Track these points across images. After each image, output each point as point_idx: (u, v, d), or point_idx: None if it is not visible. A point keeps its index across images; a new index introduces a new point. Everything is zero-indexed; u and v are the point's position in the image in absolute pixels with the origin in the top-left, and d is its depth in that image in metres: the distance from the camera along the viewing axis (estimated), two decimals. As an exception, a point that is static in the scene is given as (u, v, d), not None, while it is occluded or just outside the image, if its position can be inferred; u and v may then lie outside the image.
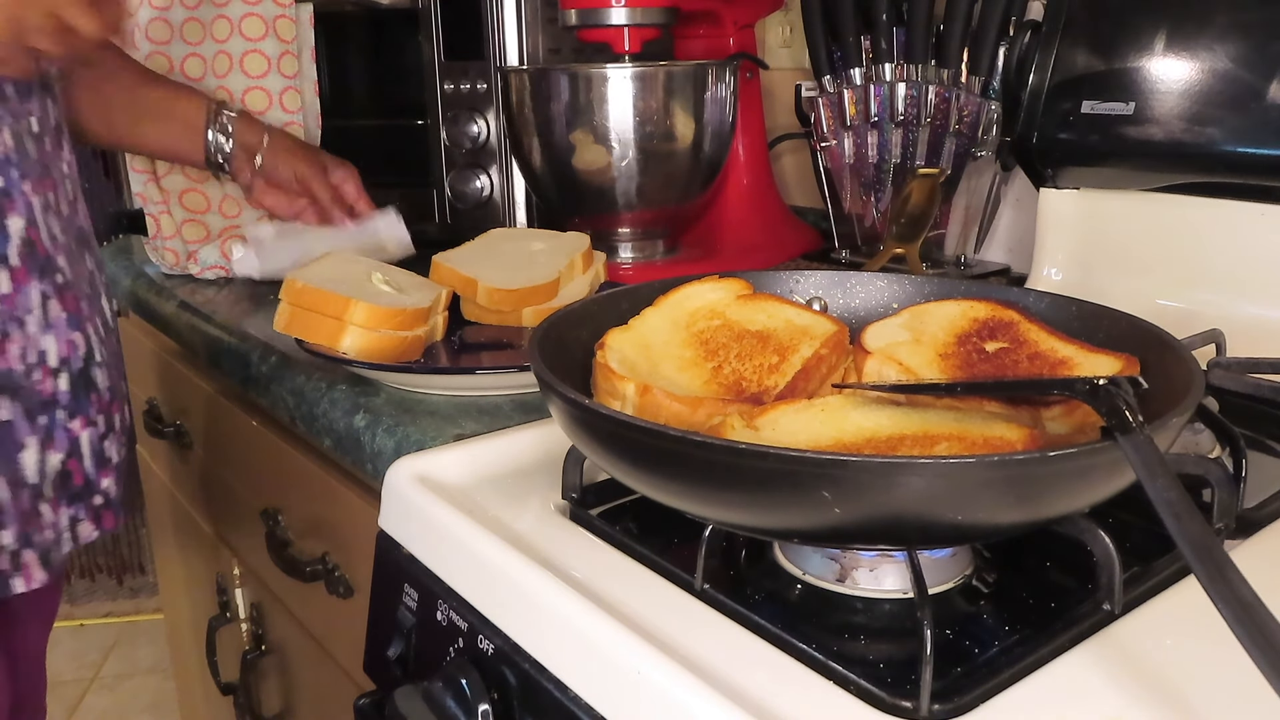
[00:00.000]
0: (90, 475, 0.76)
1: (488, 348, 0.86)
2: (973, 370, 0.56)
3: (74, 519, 0.75)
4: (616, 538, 0.54)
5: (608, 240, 1.08)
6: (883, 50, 1.05)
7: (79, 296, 0.75)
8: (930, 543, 0.47)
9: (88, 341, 0.75)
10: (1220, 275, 0.81)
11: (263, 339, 0.90)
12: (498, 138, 1.13)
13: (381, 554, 0.62)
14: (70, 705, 2.11)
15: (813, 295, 0.67)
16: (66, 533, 0.75)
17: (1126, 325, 0.57)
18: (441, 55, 1.13)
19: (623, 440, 0.46)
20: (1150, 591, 0.48)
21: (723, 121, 1.05)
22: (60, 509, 0.74)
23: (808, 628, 0.46)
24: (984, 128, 1.02)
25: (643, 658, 0.42)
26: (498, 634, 0.50)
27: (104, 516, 0.78)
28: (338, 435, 0.75)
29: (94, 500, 0.77)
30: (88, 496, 0.77)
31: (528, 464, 0.64)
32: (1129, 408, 0.41)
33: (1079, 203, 0.90)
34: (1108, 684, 0.41)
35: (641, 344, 0.59)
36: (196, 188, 1.14)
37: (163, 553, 1.50)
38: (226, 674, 1.17)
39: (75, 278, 0.75)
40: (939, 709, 0.40)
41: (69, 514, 0.75)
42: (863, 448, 0.48)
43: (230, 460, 1.08)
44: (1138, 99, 0.83)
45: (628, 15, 1.01)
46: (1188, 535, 0.35)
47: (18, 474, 0.71)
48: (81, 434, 0.75)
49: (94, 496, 0.77)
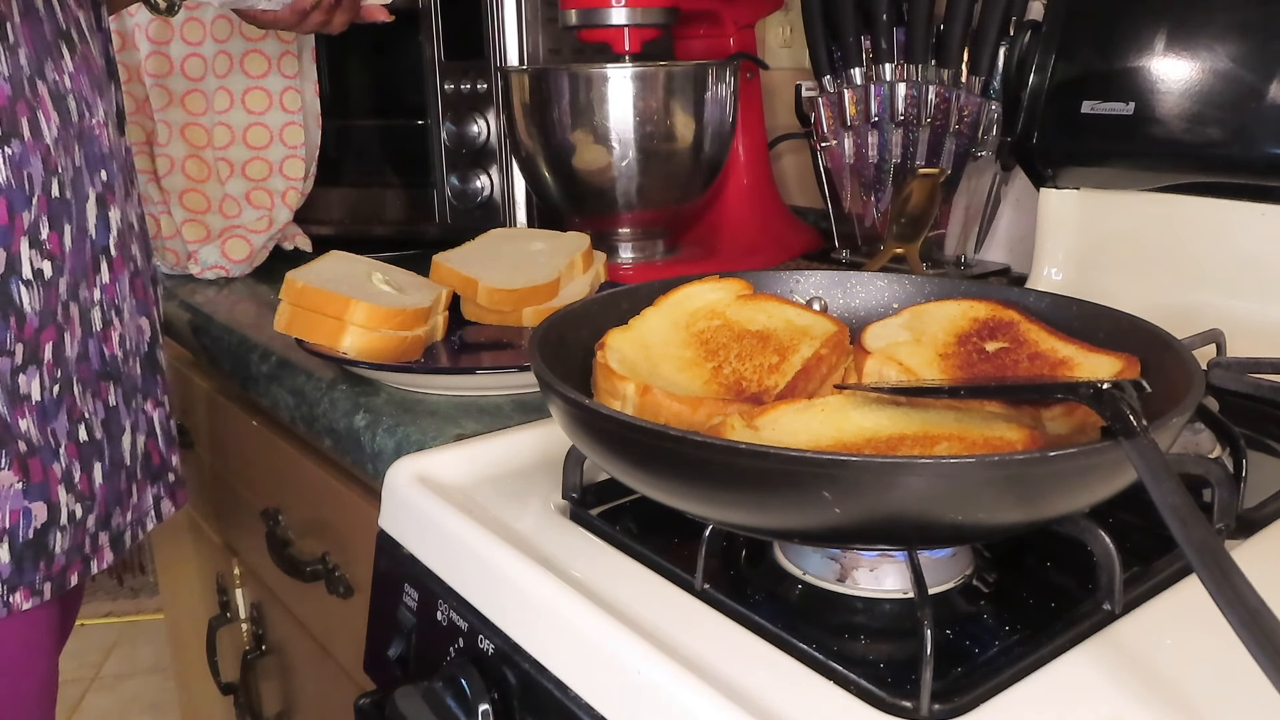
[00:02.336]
0: (164, 454, 0.80)
1: (488, 348, 0.85)
2: (973, 370, 0.56)
3: (157, 497, 0.79)
4: (616, 538, 0.54)
5: (608, 240, 1.08)
6: (883, 50, 1.05)
7: (145, 282, 0.78)
8: (930, 543, 0.47)
9: (153, 325, 0.79)
10: (1220, 275, 0.81)
11: (263, 339, 0.90)
12: (498, 138, 1.13)
13: (381, 554, 0.62)
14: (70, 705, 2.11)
15: (813, 295, 0.67)
16: (151, 511, 0.78)
17: (1127, 325, 0.56)
18: (441, 55, 1.13)
19: (623, 440, 0.46)
20: (1150, 591, 0.48)
21: (723, 121, 1.05)
22: (147, 489, 0.77)
23: (808, 628, 0.46)
24: (984, 128, 1.02)
25: (643, 658, 0.42)
26: (498, 634, 0.50)
27: (178, 494, 0.82)
28: (338, 435, 0.75)
29: (169, 478, 0.81)
30: (164, 475, 0.80)
31: (528, 464, 0.64)
32: (1133, 411, 0.41)
33: (1079, 203, 0.90)
34: (1108, 684, 0.41)
35: (641, 344, 0.59)
36: (197, 188, 1.14)
37: (163, 553, 1.50)
38: (226, 674, 1.17)
39: (144, 263, 0.78)
40: (939, 709, 0.40)
41: (153, 493, 0.78)
42: (863, 448, 0.48)
43: (230, 460, 1.08)
44: (1138, 99, 0.83)
45: (628, 15, 1.01)
46: (1192, 539, 0.36)
47: (120, 457, 0.73)
48: (154, 414, 0.79)
49: (169, 474, 0.81)
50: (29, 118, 0.63)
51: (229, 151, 1.13)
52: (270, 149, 1.13)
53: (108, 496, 0.72)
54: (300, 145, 1.13)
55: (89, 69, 0.70)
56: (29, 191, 0.63)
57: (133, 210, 0.76)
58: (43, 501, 0.66)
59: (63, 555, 0.68)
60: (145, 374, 0.77)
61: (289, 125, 1.12)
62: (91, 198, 0.69)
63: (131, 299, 0.75)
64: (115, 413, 0.73)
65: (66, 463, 0.68)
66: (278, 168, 1.14)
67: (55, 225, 0.66)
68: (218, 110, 1.12)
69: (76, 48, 0.69)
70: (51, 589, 0.67)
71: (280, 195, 1.15)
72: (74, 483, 0.68)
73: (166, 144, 1.14)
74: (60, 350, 0.67)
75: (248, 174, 1.14)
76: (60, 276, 0.67)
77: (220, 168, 1.14)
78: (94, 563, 0.71)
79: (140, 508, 0.77)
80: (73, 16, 0.70)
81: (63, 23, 0.68)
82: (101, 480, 0.71)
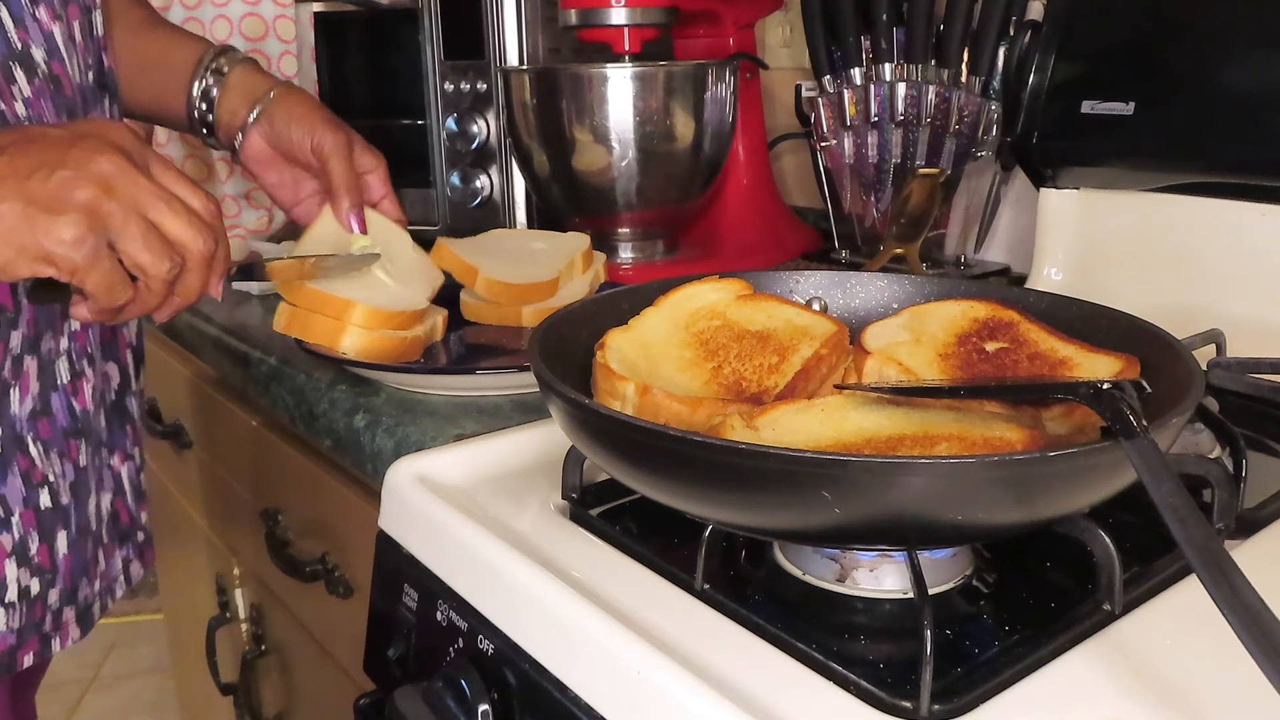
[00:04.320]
0: (133, 512, 0.73)
1: (487, 348, 0.85)
2: (973, 370, 0.56)
3: (126, 560, 0.72)
4: (616, 538, 0.54)
5: (608, 240, 1.08)
6: (883, 50, 1.05)
7: (115, 325, 0.70)
8: (930, 543, 0.47)
9: (123, 370, 0.71)
10: (1220, 275, 0.81)
11: (263, 339, 0.90)
12: (498, 138, 1.13)
13: (381, 554, 0.62)
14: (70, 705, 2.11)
15: (813, 295, 0.67)
16: (121, 576, 0.72)
17: (1127, 325, 0.56)
18: (441, 55, 1.13)
19: (623, 440, 0.46)
20: (1150, 591, 0.48)
21: (723, 121, 1.05)
22: (115, 552, 0.71)
23: (808, 628, 0.46)
24: (984, 128, 1.02)
25: (643, 658, 0.42)
26: (498, 634, 0.50)
27: (146, 554, 0.75)
28: (338, 435, 0.75)
29: (138, 537, 0.74)
30: (133, 535, 0.73)
31: (528, 464, 0.64)
32: (1133, 412, 0.41)
33: (1079, 203, 0.90)
34: (1108, 684, 0.41)
35: (641, 344, 0.59)
36: (196, 188, 1.14)
37: (162, 553, 1.50)
38: (226, 674, 1.17)
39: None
40: (939, 709, 0.40)
41: (122, 555, 0.72)
42: (863, 448, 0.48)
43: (230, 460, 1.08)
44: (1138, 99, 0.83)
45: (628, 15, 1.01)
46: (1193, 540, 0.36)
47: (86, 522, 0.66)
48: (122, 469, 0.72)
49: (138, 533, 0.74)
50: None
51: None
52: (270, 149, 1.13)
53: (73, 567, 0.65)
54: (300, 145, 1.13)
55: (58, 91, 0.62)
56: None
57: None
58: None
59: (11, 634, 0.61)
60: (112, 426, 0.70)
61: (289, 125, 1.12)
62: None
63: (100, 345, 0.68)
64: (84, 474, 0.66)
65: (20, 533, 0.61)
66: (277, 168, 1.14)
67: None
68: (217, 110, 1.12)
69: (39, 69, 0.61)
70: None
71: (280, 195, 1.14)
72: (29, 555, 0.61)
73: (166, 144, 1.14)
74: (2, 408, 0.60)
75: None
76: (13, 330, 0.59)
77: (219, 168, 1.14)
78: (55, 641, 0.65)
79: (109, 574, 0.69)
80: (42, 31, 0.61)
81: (16, 42, 0.59)
82: (66, 550, 0.64)
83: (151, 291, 0.54)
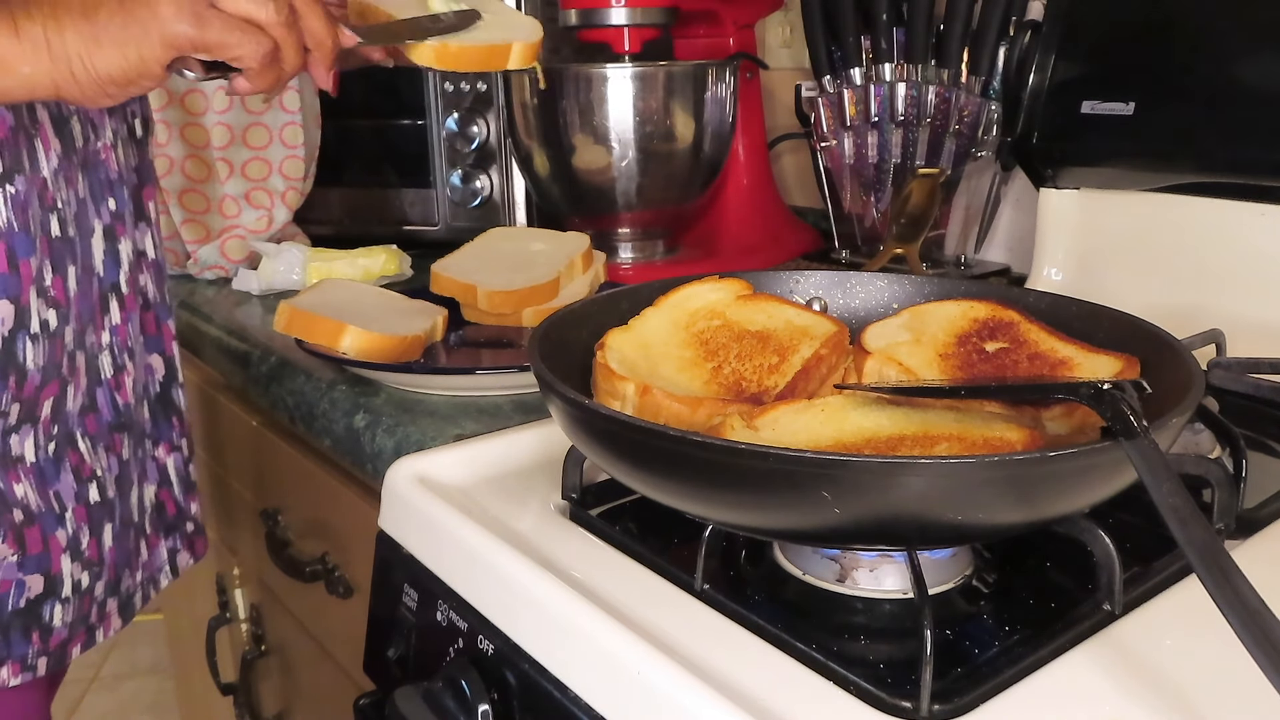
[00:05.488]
0: (180, 503, 0.74)
1: (488, 348, 0.85)
2: (973, 370, 0.56)
3: (172, 550, 0.73)
4: (616, 538, 0.54)
5: (608, 240, 1.08)
6: (883, 50, 1.05)
7: (158, 315, 0.71)
8: (930, 543, 0.47)
9: (168, 362, 0.72)
10: (1220, 275, 0.81)
11: (263, 339, 0.90)
12: (498, 138, 1.13)
13: (381, 554, 0.62)
14: (70, 705, 2.11)
15: (813, 295, 0.67)
16: (166, 566, 0.72)
17: (1127, 325, 0.56)
18: (441, 55, 1.13)
19: (623, 440, 0.46)
20: (1150, 592, 0.48)
21: (723, 121, 1.05)
22: (159, 544, 0.71)
23: (808, 628, 0.46)
24: (984, 128, 1.02)
25: (643, 658, 0.42)
26: (497, 634, 0.50)
27: (196, 544, 0.76)
28: (337, 435, 0.75)
29: (187, 528, 0.74)
30: (181, 525, 0.74)
31: (528, 464, 0.64)
32: (1133, 411, 0.41)
33: (1079, 203, 0.90)
34: (1108, 684, 0.41)
35: (641, 344, 0.59)
36: (197, 188, 1.14)
37: (162, 553, 1.50)
38: (226, 674, 1.17)
39: (157, 294, 0.71)
40: (939, 709, 0.40)
41: (167, 546, 0.72)
42: (863, 448, 0.48)
43: (230, 460, 1.08)
44: (1138, 99, 0.83)
45: (628, 15, 1.01)
46: (1193, 541, 0.36)
47: (129, 514, 0.67)
48: (168, 460, 0.72)
49: (186, 523, 0.74)
50: (27, 148, 0.57)
51: (228, 151, 1.13)
52: (270, 149, 1.13)
53: (117, 559, 0.65)
54: (300, 145, 1.13)
55: None
56: (32, 233, 0.57)
57: (145, 235, 0.70)
58: (39, 574, 0.59)
59: (64, 628, 0.61)
60: (157, 417, 0.71)
61: (288, 125, 1.12)
62: (98, 231, 0.63)
63: (142, 337, 0.69)
64: (127, 467, 0.66)
65: (73, 529, 0.61)
66: (277, 168, 1.14)
67: (59, 268, 0.59)
68: (217, 110, 1.12)
69: None
70: (48, 664, 0.61)
71: (280, 195, 1.15)
72: (80, 550, 0.62)
73: (166, 144, 1.14)
74: (60, 405, 0.60)
75: (247, 174, 1.14)
76: (66, 325, 0.60)
77: (219, 168, 1.14)
78: (99, 632, 0.65)
79: (152, 565, 0.70)
80: None
81: None
82: (111, 542, 0.64)
83: (278, 40, 0.53)
